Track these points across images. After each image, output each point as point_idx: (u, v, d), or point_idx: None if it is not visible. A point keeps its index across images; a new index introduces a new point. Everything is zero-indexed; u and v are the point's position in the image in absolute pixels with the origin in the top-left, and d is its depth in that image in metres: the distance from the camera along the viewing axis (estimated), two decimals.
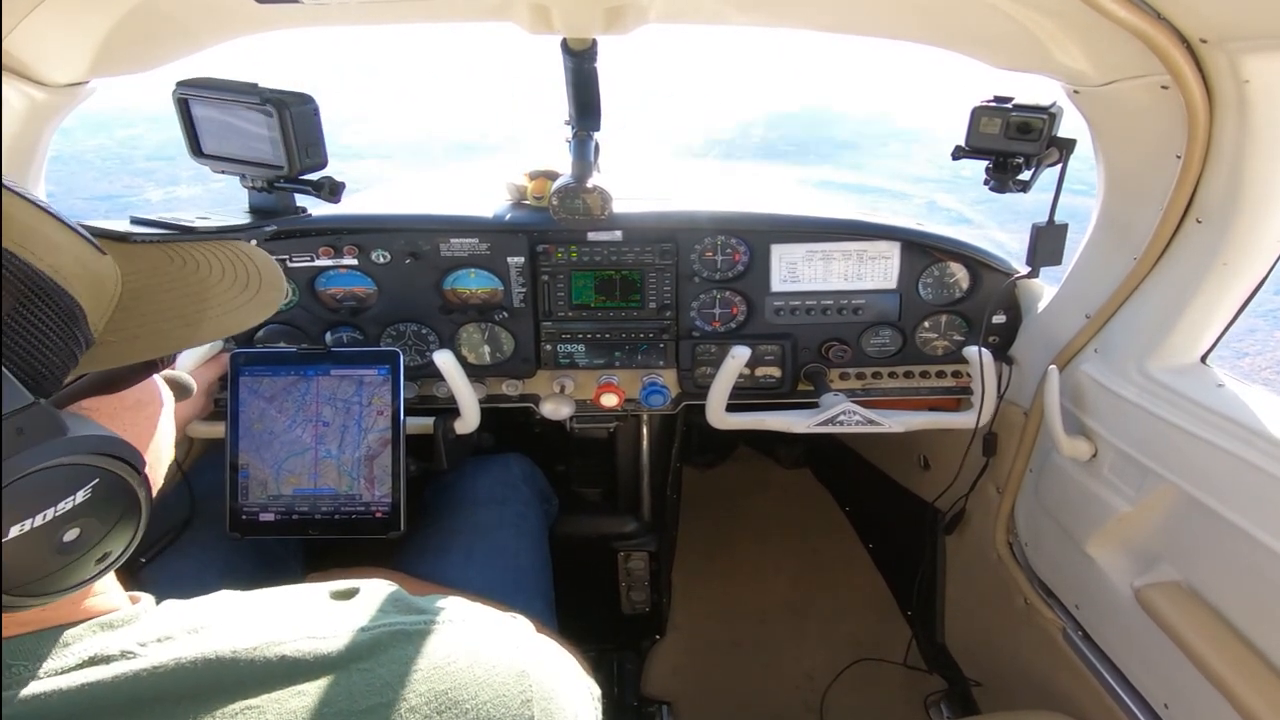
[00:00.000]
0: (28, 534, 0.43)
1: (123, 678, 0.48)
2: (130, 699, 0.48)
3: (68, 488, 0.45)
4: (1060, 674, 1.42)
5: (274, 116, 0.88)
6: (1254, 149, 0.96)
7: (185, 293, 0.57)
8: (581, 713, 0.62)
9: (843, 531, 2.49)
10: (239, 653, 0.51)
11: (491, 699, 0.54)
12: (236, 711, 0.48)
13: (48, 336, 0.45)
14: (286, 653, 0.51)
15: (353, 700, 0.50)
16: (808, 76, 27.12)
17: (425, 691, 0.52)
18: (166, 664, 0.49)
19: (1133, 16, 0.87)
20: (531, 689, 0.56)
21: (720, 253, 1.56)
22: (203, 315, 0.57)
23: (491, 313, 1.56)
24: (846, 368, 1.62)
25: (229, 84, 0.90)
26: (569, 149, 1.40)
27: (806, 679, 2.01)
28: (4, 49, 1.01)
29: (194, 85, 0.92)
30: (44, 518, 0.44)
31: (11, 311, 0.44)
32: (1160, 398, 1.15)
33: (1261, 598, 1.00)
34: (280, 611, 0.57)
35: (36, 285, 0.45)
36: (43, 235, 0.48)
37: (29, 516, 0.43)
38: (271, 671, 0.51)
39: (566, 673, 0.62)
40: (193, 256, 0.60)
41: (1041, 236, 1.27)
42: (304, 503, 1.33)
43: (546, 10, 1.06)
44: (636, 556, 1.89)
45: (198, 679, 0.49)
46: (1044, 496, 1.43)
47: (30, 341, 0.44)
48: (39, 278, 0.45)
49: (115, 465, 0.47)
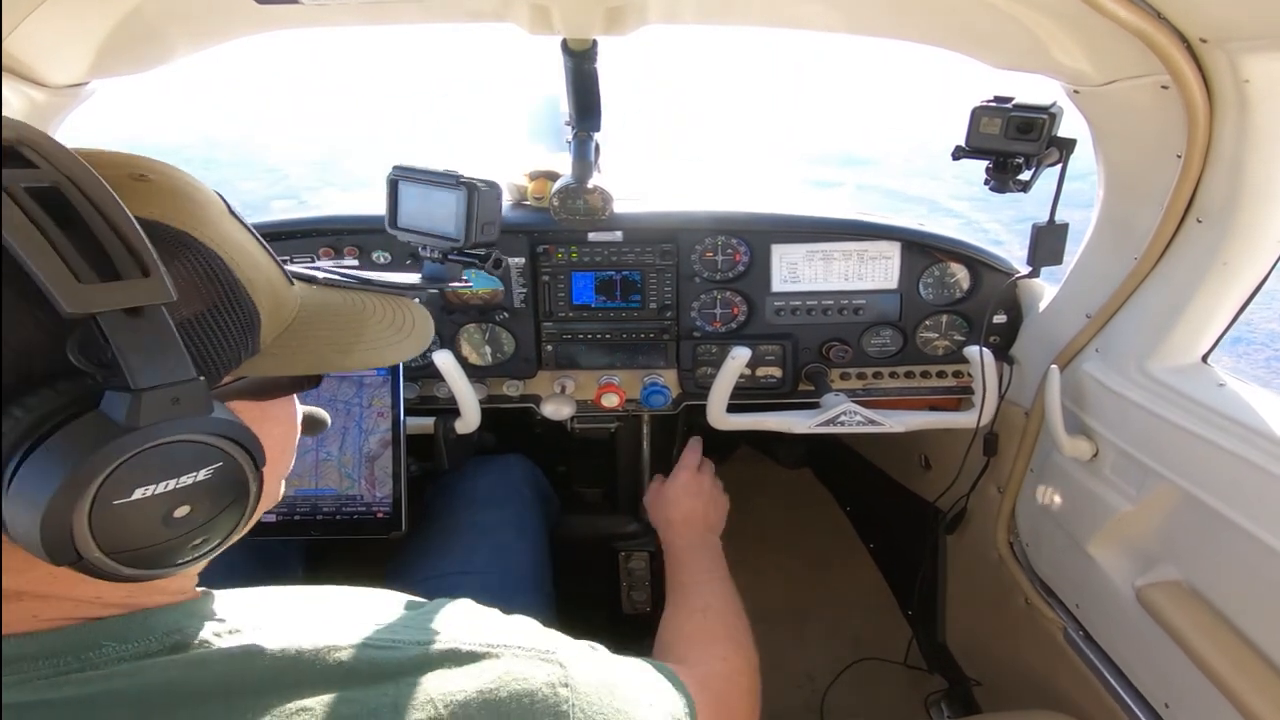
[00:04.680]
0: (147, 499, 0.45)
1: (196, 667, 0.50)
2: (199, 688, 0.50)
3: (194, 464, 0.47)
4: (1061, 673, 1.42)
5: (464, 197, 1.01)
6: (1254, 149, 0.96)
7: (345, 326, 0.64)
8: None
9: (843, 531, 2.49)
10: (302, 653, 0.53)
11: None
12: (292, 711, 0.50)
13: (227, 333, 0.52)
14: (343, 659, 0.54)
15: (397, 713, 0.52)
16: (810, 78, 27.10)
17: (465, 715, 0.54)
18: (236, 656, 0.52)
19: (1133, 16, 0.87)
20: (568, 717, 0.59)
21: (721, 253, 1.56)
22: (355, 346, 0.63)
23: (492, 313, 1.56)
24: (847, 368, 1.62)
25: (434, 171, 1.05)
26: (569, 149, 1.40)
27: (807, 679, 2.01)
28: (4, 49, 1.01)
29: (406, 169, 1.08)
30: (165, 487, 0.46)
31: (208, 307, 0.50)
32: (1161, 397, 1.15)
33: (1263, 597, 1.00)
34: (343, 615, 0.59)
35: (232, 291, 0.52)
36: (249, 254, 0.55)
37: (155, 482, 0.45)
38: (327, 676, 0.53)
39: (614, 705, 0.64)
40: (362, 300, 0.68)
41: (1042, 236, 1.27)
42: (305, 503, 1.33)
43: (546, 11, 1.06)
44: (637, 556, 1.89)
45: (260, 675, 0.51)
46: (1045, 496, 1.44)
47: (212, 333, 0.51)
48: (237, 287, 0.53)
49: (240, 455, 0.49)
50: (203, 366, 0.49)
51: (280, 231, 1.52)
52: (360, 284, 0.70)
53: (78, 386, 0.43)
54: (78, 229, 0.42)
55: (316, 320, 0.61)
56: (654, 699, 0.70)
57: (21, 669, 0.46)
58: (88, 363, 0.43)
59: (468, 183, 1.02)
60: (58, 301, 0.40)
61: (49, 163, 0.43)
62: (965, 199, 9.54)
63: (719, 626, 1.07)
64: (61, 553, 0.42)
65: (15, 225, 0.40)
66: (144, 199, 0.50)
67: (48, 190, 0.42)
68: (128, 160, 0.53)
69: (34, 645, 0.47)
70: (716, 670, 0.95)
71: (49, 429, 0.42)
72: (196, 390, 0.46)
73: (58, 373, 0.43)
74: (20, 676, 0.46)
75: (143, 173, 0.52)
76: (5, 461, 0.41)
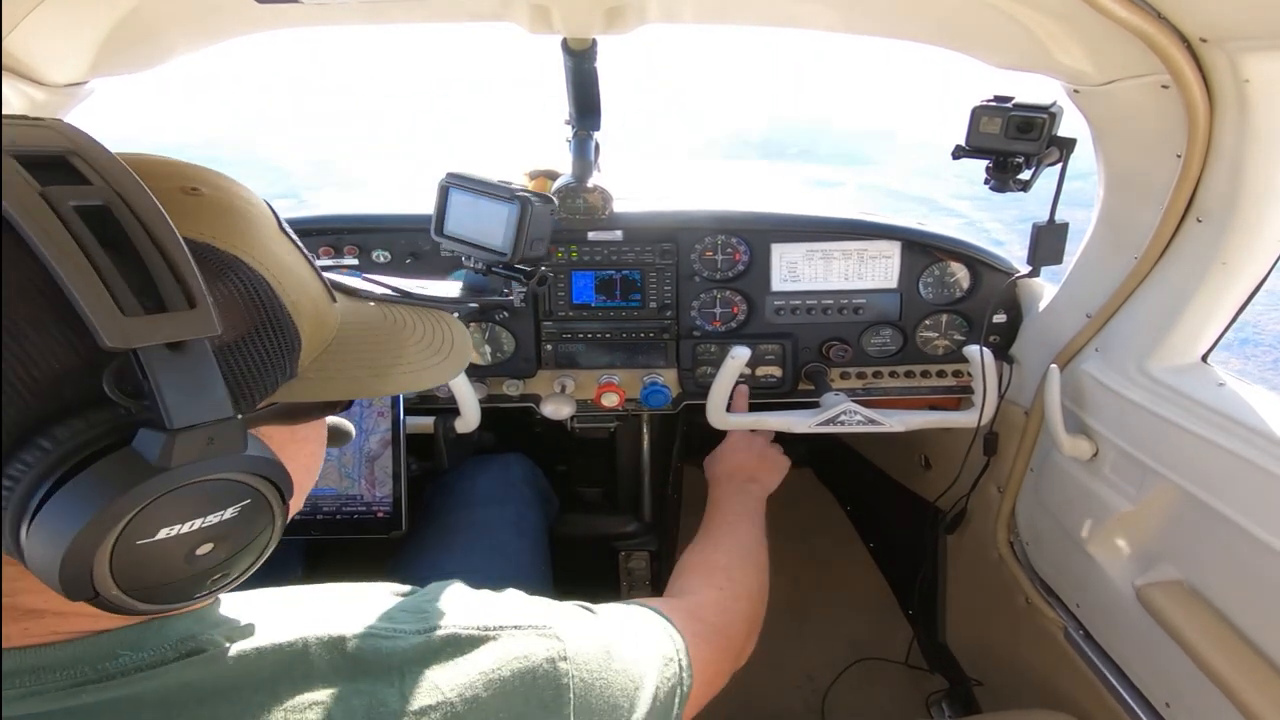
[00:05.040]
0: (171, 539, 0.43)
1: (212, 668, 0.50)
2: (215, 688, 0.50)
3: (223, 502, 0.45)
4: (1061, 673, 1.42)
5: (517, 210, 0.99)
6: (1254, 148, 0.96)
7: (385, 348, 0.61)
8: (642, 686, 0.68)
9: (844, 531, 2.49)
10: (309, 645, 0.53)
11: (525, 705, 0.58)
12: (304, 705, 0.50)
13: (267, 361, 0.49)
14: (348, 650, 0.54)
15: (404, 701, 0.53)
16: (810, 78, 27.09)
17: (471, 697, 0.55)
18: (247, 654, 0.51)
19: (1133, 16, 0.87)
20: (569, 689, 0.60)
21: (720, 252, 1.56)
22: (392, 370, 0.61)
23: (492, 312, 1.56)
24: (847, 367, 1.62)
25: (489, 181, 1.03)
26: (569, 149, 1.40)
27: (807, 679, 2.01)
28: (4, 49, 1.01)
29: (459, 177, 1.06)
30: (191, 526, 0.44)
31: (249, 331, 0.48)
32: (1161, 397, 1.15)
33: (1263, 597, 1.00)
34: (343, 607, 0.59)
35: (275, 316, 0.50)
36: (297, 275, 0.53)
37: (181, 522, 0.43)
38: (336, 667, 0.53)
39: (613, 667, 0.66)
40: (402, 316, 0.65)
41: (1042, 236, 1.27)
42: (305, 503, 1.32)
43: (546, 10, 1.06)
44: (637, 556, 1.89)
45: (273, 669, 0.51)
46: (1045, 496, 1.43)
47: (251, 362, 0.48)
48: (280, 311, 0.50)
49: (269, 491, 0.48)
50: (238, 394, 0.47)
51: None
52: (400, 297, 0.68)
53: (110, 418, 0.41)
54: (125, 254, 0.40)
55: (355, 342, 0.59)
56: (649, 650, 0.73)
57: (40, 680, 0.46)
58: (123, 395, 0.41)
59: (522, 197, 1.00)
60: (98, 333, 0.38)
61: (101, 178, 0.41)
62: (966, 198, 9.54)
63: (722, 557, 1.12)
64: (79, 590, 0.40)
65: (61, 250, 0.38)
66: (194, 217, 0.48)
67: (98, 210, 0.40)
68: (179, 171, 0.51)
69: (51, 657, 0.47)
70: (711, 598, 0.99)
71: (78, 462, 0.40)
72: (233, 429, 0.44)
73: (90, 401, 0.41)
74: (38, 687, 0.46)
75: (195, 185, 0.50)
76: (32, 490, 0.40)
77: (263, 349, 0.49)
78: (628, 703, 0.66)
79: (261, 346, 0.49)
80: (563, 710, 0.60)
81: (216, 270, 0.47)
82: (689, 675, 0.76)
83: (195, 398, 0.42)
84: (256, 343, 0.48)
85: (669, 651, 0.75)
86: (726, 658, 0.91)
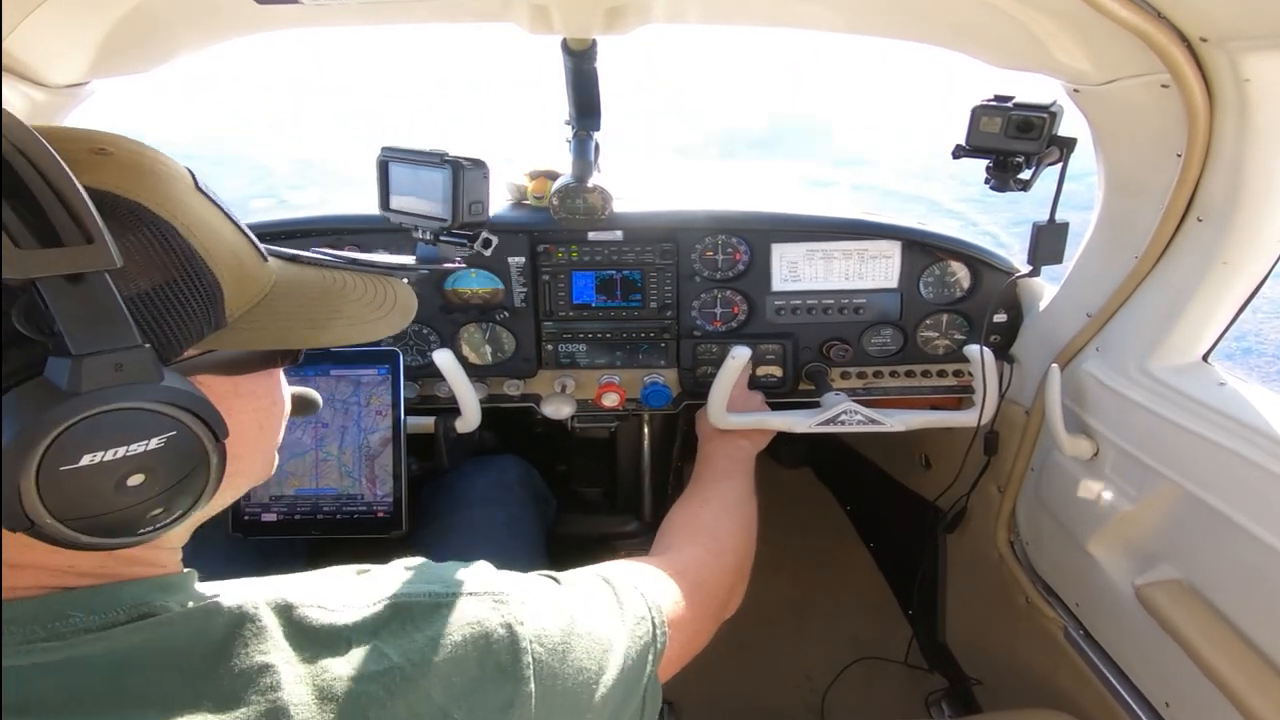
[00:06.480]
0: (96, 466, 0.45)
1: (162, 630, 0.51)
2: (164, 650, 0.50)
3: (145, 431, 0.47)
4: (1061, 673, 1.42)
5: (449, 175, 1.01)
6: (1254, 148, 0.96)
7: (321, 303, 0.63)
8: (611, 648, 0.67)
9: (843, 531, 2.49)
10: (260, 608, 0.54)
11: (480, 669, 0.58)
12: (256, 668, 0.51)
13: (185, 307, 0.52)
14: (297, 617, 0.55)
15: (351, 667, 0.54)
16: (809, 77, 27.11)
17: (420, 661, 0.56)
18: (196, 616, 0.52)
19: (1133, 15, 0.87)
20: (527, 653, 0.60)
21: (721, 252, 1.56)
22: (330, 322, 0.63)
23: (492, 313, 1.56)
24: (848, 367, 1.62)
25: (421, 151, 1.05)
26: (569, 149, 1.40)
27: (807, 679, 2.01)
28: (4, 50, 1.01)
29: (394, 150, 1.09)
30: (114, 454, 0.46)
31: (166, 280, 0.51)
32: (1162, 396, 1.15)
33: (1263, 596, 1.00)
34: (298, 580, 0.61)
35: (190, 263, 0.52)
36: (211, 226, 0.55)
37: (103, 449, 0.45)
38: (286, 633, 0.54)
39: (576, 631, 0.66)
40: (344, 279, 0.67)
41: (1042, 235, 1.27)
42: (306, 503, 1.34)
43: (546, 10, 1.06)
44: (638, 556, 1.89)
45: (225, 630, 0.52)
46: (1045, 495, 1.44)
47: (170, 306, 0.51)
48: (194, 258, 0.52)
49: (196, 425, 0.50)
50: (160, 338, 0.50)
51: (280, 231, 1.52)
52: (346, 264, 0.69)
53: (27, 354, 0.44)
54: (24, 199, 0.42)
55: (291, 296, 0.61)
56: (618, 611, 0.73)
57: None
58: (35, 331, 0.44)
59: (453, 161, 1.02)
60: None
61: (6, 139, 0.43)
62: (965, 200, 9.53)
63: (707, 514, 1.14)
64: (14, 518, 0.43)
65: None
66: (99, 171, 0.50)
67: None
68: (90, 136, 0.53)
69: (6, 611, 0.48)
70: (694, 555, 1.00)
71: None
72: (142, 358, 0.46)
73: (7, 341, 0.44)
74: None
75: (103, 147, 0.52)
76: None
77: (180, 296, 0.51)
78: (595, 665, 0.65)
79: (179, 293, 0.51)
80: (522, 673, 0.59)
81: (125, 220, 0.49)
82: (663, 633, 0.76)
83: (96, 326, 0.44)
84: (173, 290, 0.51)
85: (640, 610, 0.75)
86: (708, 614, 0.92)
